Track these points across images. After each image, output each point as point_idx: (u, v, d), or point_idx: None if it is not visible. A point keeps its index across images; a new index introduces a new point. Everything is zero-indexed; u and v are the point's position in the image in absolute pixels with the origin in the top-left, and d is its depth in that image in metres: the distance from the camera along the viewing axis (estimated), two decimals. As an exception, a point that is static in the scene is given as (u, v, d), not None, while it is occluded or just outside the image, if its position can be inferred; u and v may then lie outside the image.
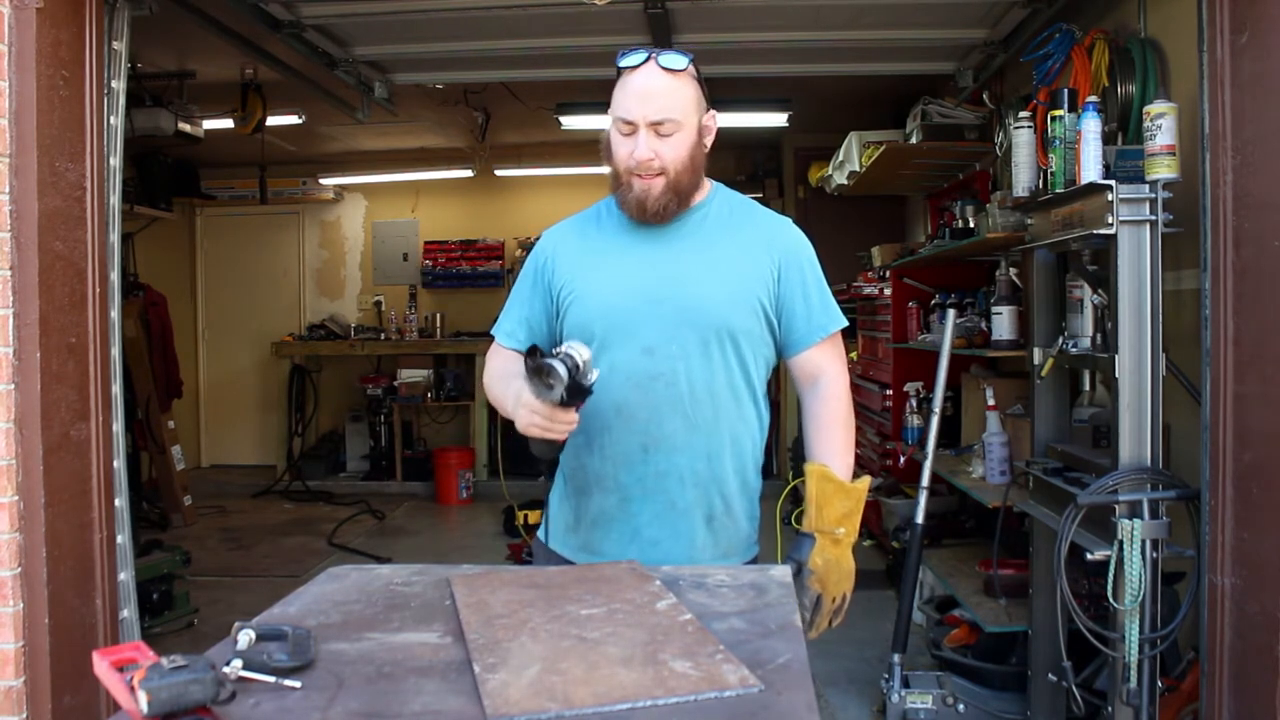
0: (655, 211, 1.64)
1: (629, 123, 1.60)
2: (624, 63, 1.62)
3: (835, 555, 1.58)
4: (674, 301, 1.65)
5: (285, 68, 4.12)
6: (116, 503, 2.48)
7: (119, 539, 2.49)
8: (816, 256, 1.75)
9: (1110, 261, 2.23)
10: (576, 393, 1.46)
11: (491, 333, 1.81)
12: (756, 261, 1.69)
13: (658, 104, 1.59)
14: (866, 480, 1.66)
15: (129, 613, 2.54)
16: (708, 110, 1.67)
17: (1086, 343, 2.45)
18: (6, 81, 2.15)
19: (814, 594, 1.57)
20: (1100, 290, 2.37)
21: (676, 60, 1.60)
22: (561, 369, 1.42)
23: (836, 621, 1.61)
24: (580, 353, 1.45)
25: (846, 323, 1.76)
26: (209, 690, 0.95)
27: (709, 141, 1.68)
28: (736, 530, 1.73)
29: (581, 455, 1.70)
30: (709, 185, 1.75)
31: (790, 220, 1.78)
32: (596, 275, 1.69)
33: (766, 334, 1.71)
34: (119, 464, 2.51)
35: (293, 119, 5.70)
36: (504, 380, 1.67)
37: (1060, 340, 2.55)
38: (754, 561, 1.76)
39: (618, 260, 1.69)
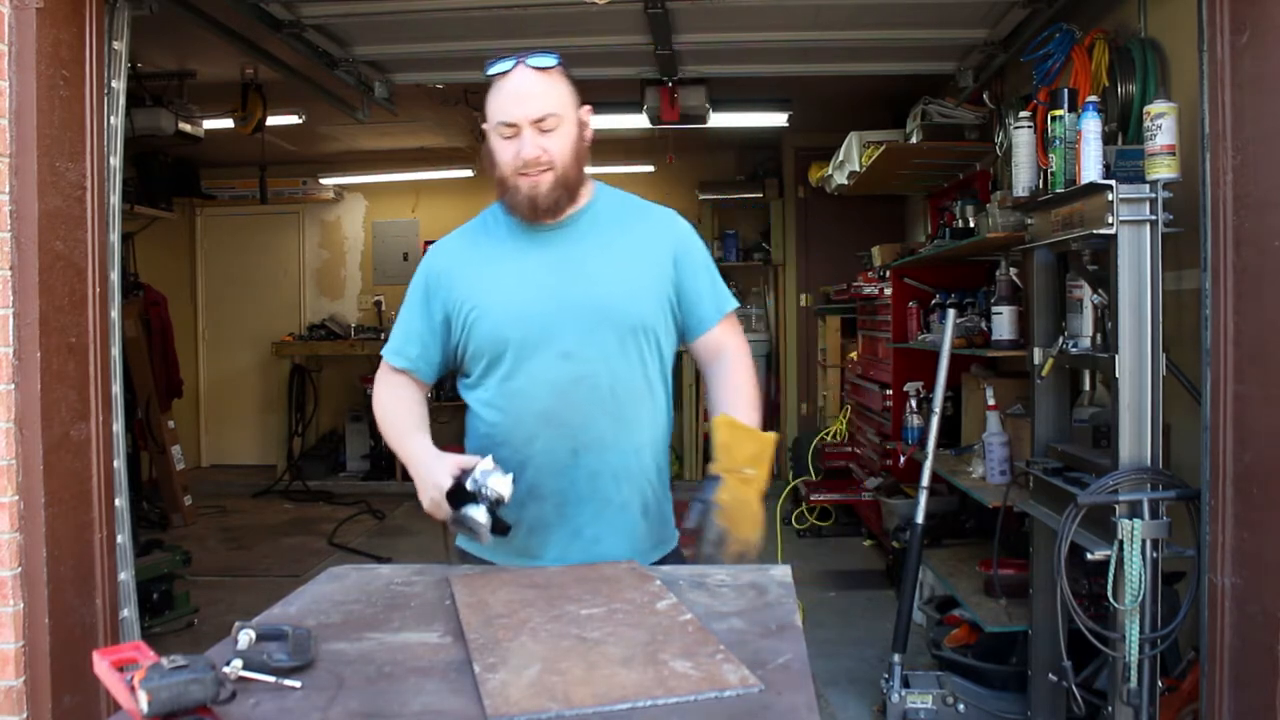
0: (547, 208, 1.64)
1: (511, 125, 1.60)
2: (494, 70, 1.62)
3: (744, 495, 1.52)
4: (588, 303, 1.65)
5: (285, 68, 4.12)
6: (116, 503, 2.48)
7: (119, 539, 2.49)
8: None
9: (1110, 261, 2.23)
10: (499, 532, 1.50)
11: (381, 352, 1.79)
12: (656, 254, 1.72)
13: (537, 102, 1.60)
14: (773, 433, 1.64)
15: (129, 612, 2.54)
16: (582, 105, 1.68)
17: (1086, 343, 2.45)
18: (6, 81, 2.15)
19: (719, 530, 1.49)
20: (1100, 290, 2.37)
21: (546, 59, 1.62)
22: (484, 517, 1.47)
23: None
24: (500, 487, 1.48)
25: (738, 303, 1.82)
26: (209, 690, 0.95)
27: (589, 136, 1.69)
28: (663, 518, 1.76)
29: (509, 467, 1.66)
30: (592, 184, 1.75)
31: (674, 211, 1.80)
32: (501, 285, 1.67)
33: (672, 324, 1.74)
34: (119, 464, 2.51)
35: (293, 119, 5.70)
36: (400, 432, 1.70)
37: (1060, 340, 2.55)
38: (676, 549, 1.78)
39: (519, 267, 1.68)
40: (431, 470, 1.56)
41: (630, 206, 1.77)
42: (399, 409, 1.73)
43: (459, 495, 1.49)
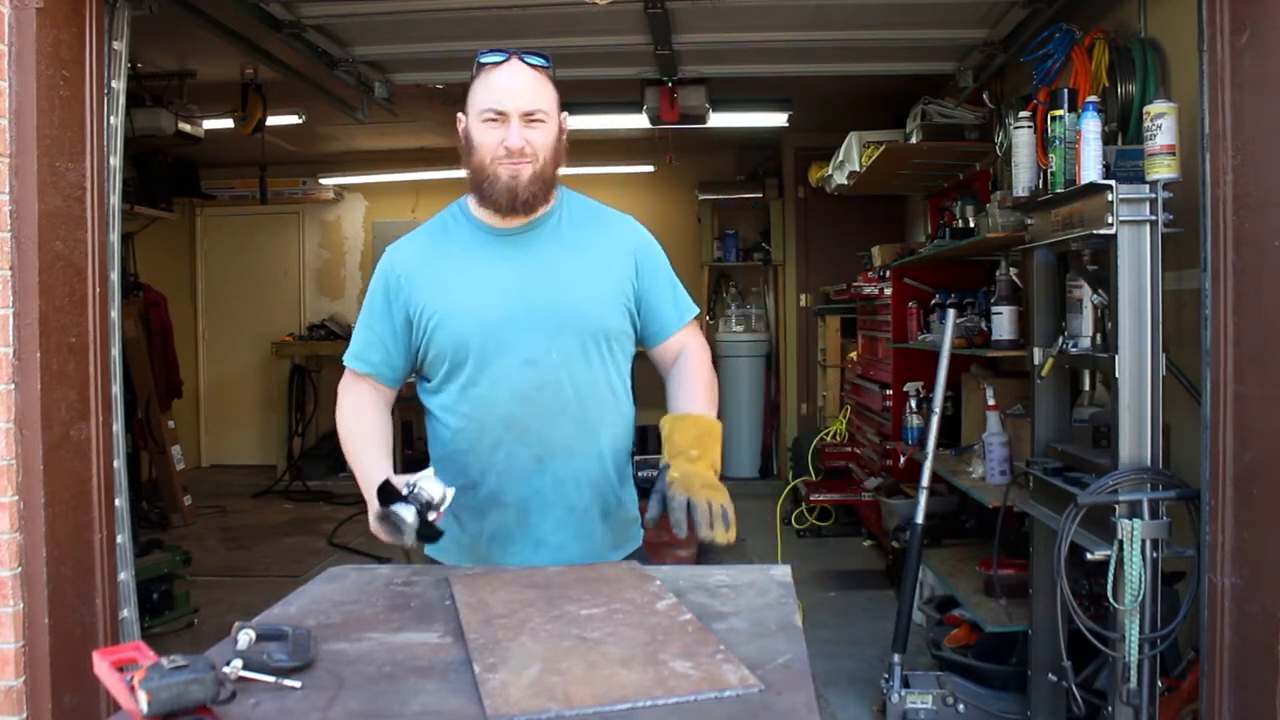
0: (525, 200, 1.63)
1: (500, 113, 1.60)
2: (487, 60, 1.63)
3: (691, 468, 1.50)
4: (552, 308, 1.64)
5: (285, 68, 4.12)
6: (116, 503, 2.48)
7: (119, 539, 2.49)
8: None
9: (1110, 261, 2.23)
10: (427, 537, 1.45)
11: (343, 359, 1.76)
12: (619, 260, 1.72)
13: (528, 96, 1.61)
14: (718, 422, 1.64)
15: (129, 613, 2.54)
16: (562, 113, 1.69)
17: (1086, 343, 2.45)
18: (6, 81, 2.15)
19: (682, 499, 1.45)
20: (1100, 290, 2.37)
21: (540, 60, 1.64)
22: (411, 517, 1.41)
23: (730, 534, 1.45)
24: (432, 490, 1.43)
25: (698, 310, 1.82)
26: (209, 690, 0.95)
27: (565, 143, 1.69)
28: (625, 518, 1.76)
29: (472, 474, 1.66)
30: (557, 188, 1.74)
31: (633, 217, 1.80)
32: (463, 289, 1.66)
33: (631, 330, 1.74)
34: (119, 464, 2.51)
35: (293, 119, 5.70)
36: (358, 446, 1.67)
37: (1060, 340, 2.55)
38: (640, 548, 1.77)
39: (483, 271, 1.66)
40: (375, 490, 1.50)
41: (592, 212, 1.77)
42: (362, 425, 1.71)
43: (391, 494, 1.45)
